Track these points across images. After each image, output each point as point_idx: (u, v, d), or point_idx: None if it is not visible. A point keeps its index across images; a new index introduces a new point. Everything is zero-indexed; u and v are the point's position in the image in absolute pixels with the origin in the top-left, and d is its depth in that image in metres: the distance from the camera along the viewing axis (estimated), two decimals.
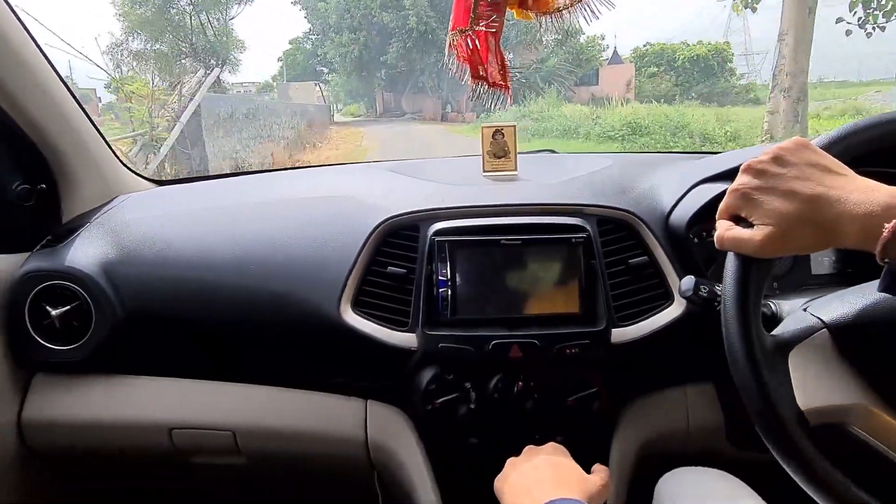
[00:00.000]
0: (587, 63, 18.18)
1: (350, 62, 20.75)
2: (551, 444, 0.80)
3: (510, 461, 0.77)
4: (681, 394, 1.01)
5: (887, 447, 0.58)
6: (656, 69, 17.84)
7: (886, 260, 0.47)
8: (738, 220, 0.58)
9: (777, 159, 0.54)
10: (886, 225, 0.46)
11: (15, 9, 1.00)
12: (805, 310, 0.65)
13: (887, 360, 0.59)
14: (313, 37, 24.29)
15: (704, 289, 0.78)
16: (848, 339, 0.60)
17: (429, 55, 18.39)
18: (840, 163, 0.54)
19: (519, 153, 1.19)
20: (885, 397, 0.58)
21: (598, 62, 18.57)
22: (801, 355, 0.60)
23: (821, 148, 0.56)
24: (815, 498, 0.57)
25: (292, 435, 1.02)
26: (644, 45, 19.60)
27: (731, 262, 0.60)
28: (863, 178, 0.52)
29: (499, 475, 0.76)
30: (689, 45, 18.02)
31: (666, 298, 0.95)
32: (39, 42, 1.05)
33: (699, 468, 0.80)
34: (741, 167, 0.57)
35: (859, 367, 0.59)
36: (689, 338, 0.94)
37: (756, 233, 0.54)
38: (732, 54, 17.99)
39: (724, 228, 0.58)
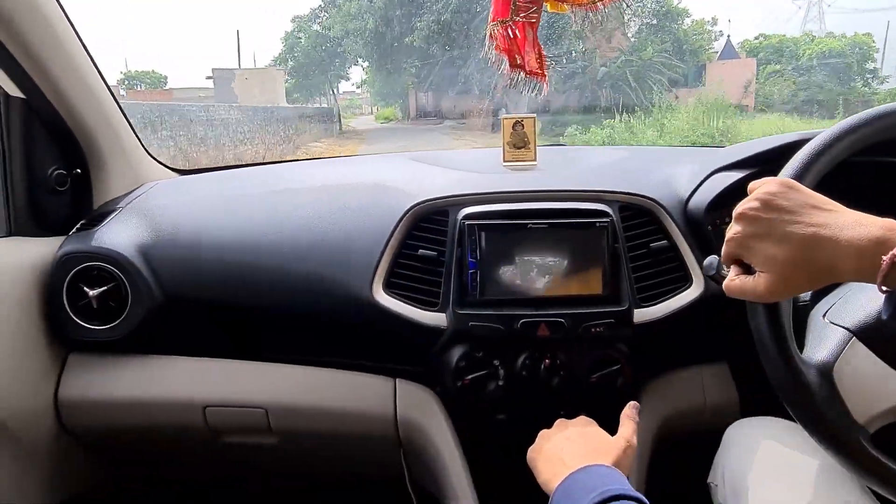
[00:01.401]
0: (692, 56, 14.25)
1: (367, 44, 16.96)
2: (582, 416, 0.84)
3: (542, 433, 0.81)
4: (698, 373, 1.05)
5: None
6: (778, 66, 13.98)
7: (885, 289, 0.49)
8: (742, 264, 0.60)
9: (766, 204, 0.55)
10: (884, 257, 0.48)
11: (62, 4, 1.03)
12: (824, 316, 0.69)
13: None
14: (324, 15, 20.11)
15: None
16: (877, 340, 0.63)
17: (473, 36, 14.25)
18: (826, 199, 0.55)
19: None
20: None
21: (705, 55, 14.44)
22: (844, 372, 0.63)
23: (794, 179, 0.59)
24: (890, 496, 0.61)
25: (323, 413, 1.05)
26: (756, 38, 15.83)
27: (751, 308, 0.64)
28: (851, 211, 0.54)
29: (532, 446, 0.79)
30: (814, 37, 14.15)
31: (685, 281, 1.00)
32: (80, 35, 1.09)
33: (765, 418, 0.83)
34: (734, 215, 0.59)
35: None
36: (706, 319, 0.98)
37: (759, 281, 0.56)
38: (876, 48, 13.82)
39: (728, 278, 0.60)
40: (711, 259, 0.84)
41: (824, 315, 0.70)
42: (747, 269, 0.58)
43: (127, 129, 1.23)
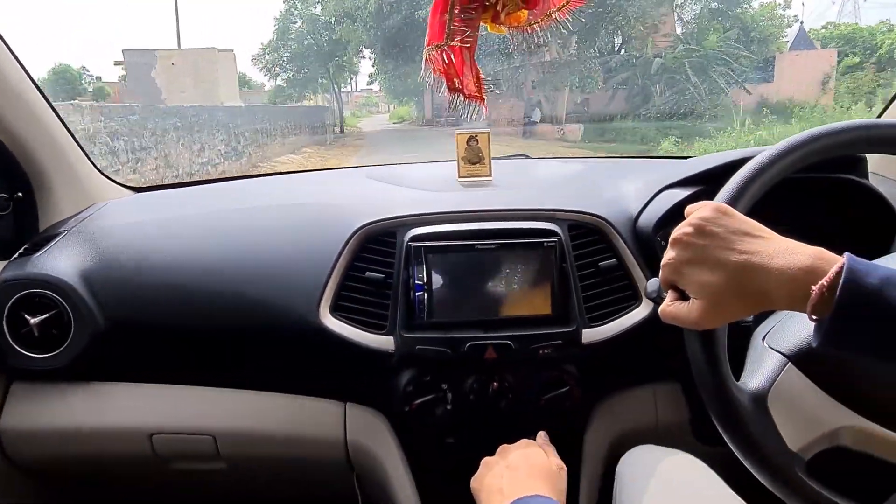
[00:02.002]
0: (760, 45, 11.68)
1: (368, 28, 14.13)
2: (523, 440, 0.84)
3: (485, 461, 0.80)
4: (650, 392, 1.05)
5: (884, 454, 0.61)
6: (857, 59, 11.77)
7: (815, 317, 0.49)
8: (678, 289, 0.60)
9: (699, 230, 0.56)
10: (813, 287, 0.48)
11: None
12: (763, 339, 0.68)
13: (850, 376, 0.62)
14: None
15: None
16: (812, 365, 0.63)
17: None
18: (759, 225, 0.56)
19: (494, 158, 1.23)
20: (863, 411, 0.61)
21: (775, 45, 11.98)
22: (778, 398, 0.63)
23: (728, 203, 0.59)
24: None
25: (272, 438, 1.04)
26: (824, 27, 13.30)
27: (687, 334, 0.63)
28: (782, 239, 0.54)
29: (475, 475, 0.79)
30: (892, 26, 12.04)
31: (634, 300, 0.99)
32: (14, 51, 1.06)
33: (658, 447, 0.83)
34: (669, 241, 0.59)
35: (831, 390, 0.62)
36: (656, 338, 0.98)
37: (692, 308, 0.56)
38: None
39: (665, 303, 0.60)
40: (653, 282, 0.83)
41: (763, 338, 0.69)
42: (683, 295, 0.58)
43: (74, 148, 1.21)
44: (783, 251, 0.52)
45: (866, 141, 0.69)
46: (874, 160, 1.03)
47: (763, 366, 0.66)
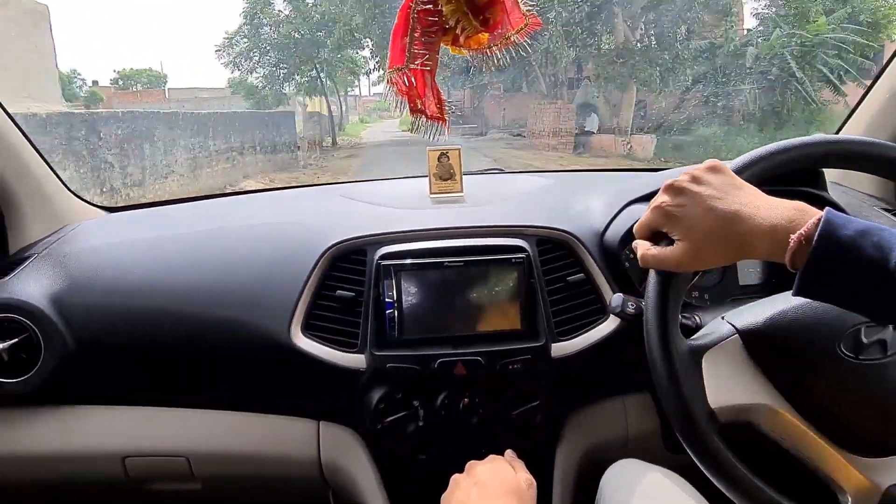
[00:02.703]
0: (872, 31, 9.13)
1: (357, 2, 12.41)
2: (491, 455, 0.84)
3: (454, 478, 0.81)
4: (620, 404, 1.06)
5: (789, 443, 0.65)
6: None
7: (793, 268, 0.52)
8: (657, 236, 0.63)
9: (695, 179, 0.60)
10: (792, 236, 0.51)
11: None
12: (723, 318, 0.71)
13: (788, 363, 0.66)
14: None
15: (632, 305, 0.83)
16: (757, 343, 0.66)
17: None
18: (747, 183, 0.60)
19: (468, 173, 1.24)
20: (788, 397, 0.65)
21: (890, 30, 9.43)
22: (714, 359, 0.66)
23: (733, 171, 0.62)
24: (720, 488, 0.63)
25: (246, 458, 1.04)
26: None
27: (651, 278, 0.66)
28: (768, 196, 0.57)
29: (445, 493, 0.79)
30: None
31: (602, 313, 1.01)
32: None
33: (641, 462, 0.84)
34: (663, 186, 0.62)
35: (766, 370, 0.66)
36: (624, 350, 0.99)
37: (675, 249, 0.60)
38: None
39: (644, 248, 0.63)
40: (616, 297, 0.85)
41: (723, 317, 0.72)
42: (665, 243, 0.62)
43: (43, 168, 1.20)
44: (768, 204, 0.56)
45: (836, 155, 0.70)
46: (833, 172, 1.06)
47: (712, 333, 0.69)
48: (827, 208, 0.52)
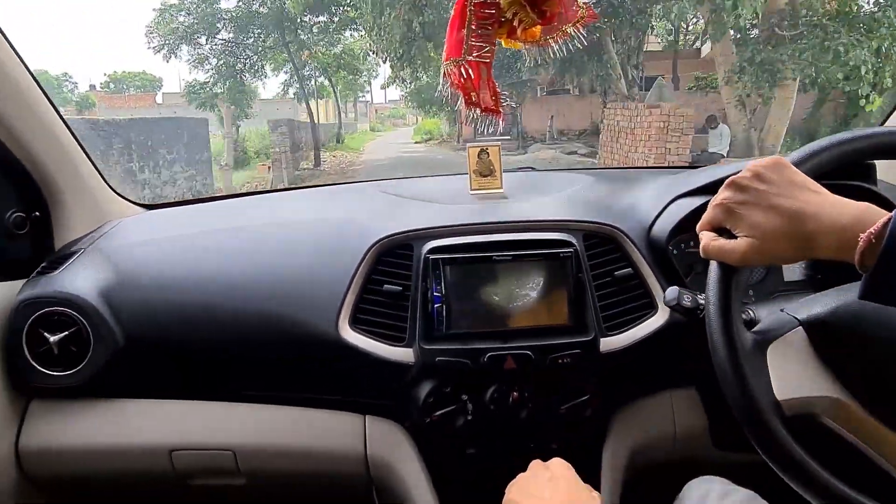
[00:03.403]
0: None
1: None
2: (557, 460, 0.78)
3: (518, 481, 0.74)
4: (667, 400, 1.05)
5: (855, 438, 0.64)
6: None
7: (862, 267, 0.51)
8: (721, 231, 0.63)
9: (758, 176, 0.59)
10: (861, 235, 0.50)
11: (7, 35, 1.01)
12: (782, 310, 0.71)
13: (854, 356, 0.64)
14: None
15: (688, 298, 0.83)
16: (821, 335, 0.66)
17: None
18: (813, 181, 0.59)
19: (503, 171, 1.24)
20: (853, 391, 0.64)
21: None
22: (779, 351, 0.65)
23: (794, 165, 0.62)
24: (789, 482, 0.62)
25: (292, 453, 1.04)
26: None
27: (713, 270, 0.65)
28: (834, 195, 0.57)
29: (513, 486, 0.74)
30: None
31: (650, 308, 1.00)
32: (31, 69, 1.07)
33: (721, 479, 0.80)
34: (725, 182, 0.62)
35: (830, 363, 0.65)
36: (673, 345, 0.99)
37: (739, 244, 0.59)
38: None
39: (708, 238, 0.62)
40: (672, 290, 0.85)
41: (782, 310, 0.71)
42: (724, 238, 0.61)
43: (88, 165, 1.22)
44: (835, 203, 0.55)
45: None
46: (881, 167, 1.05)
47: (774, 325, 0.68)
48: None
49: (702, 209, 0.95)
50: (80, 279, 1.04)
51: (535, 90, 13.53)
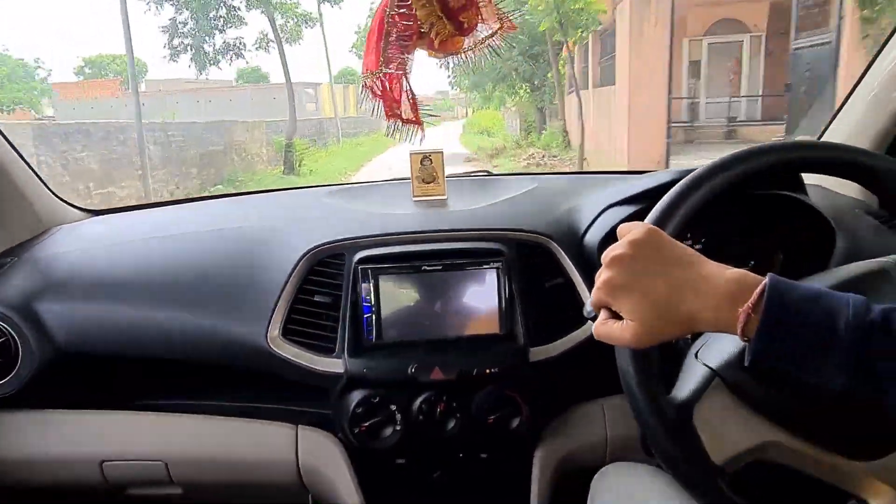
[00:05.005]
0: None
1: None
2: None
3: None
4: (598, 407, 1.06)
5: (802, 467, 0.63)
6: None
7: (747, 338, 0.51)
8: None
9: (632, 256, 0.57)
10: (740, 310, 0.50)
11: None
12: (696, 356, 0.70)
13: (778, 392, 0.63)
14: None
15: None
16: (739, 380, 0.64)
17: None
18: (688, 250, 0.57)
19: (455, 176, 1.24)
20: (789, 427, 0.63)
21: None
22: (704, 414, 0.64)
23: (656, 225, 0.61)
24: None
25: (225, 463, 1.03)
26: None
27: (618, 349, 0.65)
28: (709, 263, 0.55)
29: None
30: None
31: (581, 317, 1.01)
32: None
33: (630, 464, 0.84)
34: (603, 260, 0.59)
35: (758, 406, 0.64)
36: (603, 354, 0.99)
37: (626, 329, 0.57)
38: None
39: (599, 322, 0.60)
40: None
41: (696, 353, 0.71)
42: (617, 315, 0.59)
43: (25, 171, 1.20)
44: (708, 275, 0.54)
45: (785, 164, 0.71)
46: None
47: (693, 379, 0.67)
48: (770, 275, 0.51)
49: (633, 218, 0.96)
50: (9, 289, 1.02)
51: None
